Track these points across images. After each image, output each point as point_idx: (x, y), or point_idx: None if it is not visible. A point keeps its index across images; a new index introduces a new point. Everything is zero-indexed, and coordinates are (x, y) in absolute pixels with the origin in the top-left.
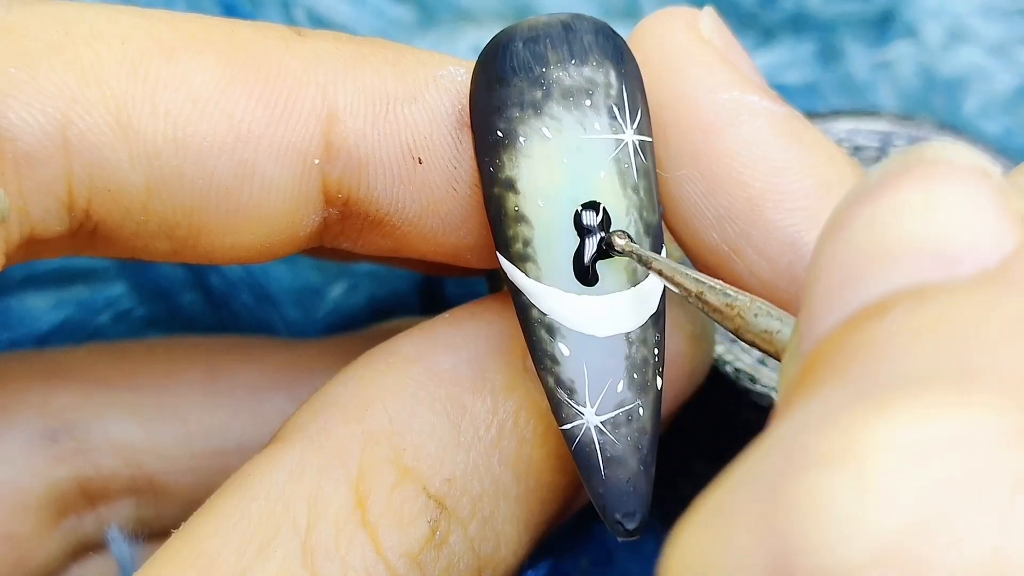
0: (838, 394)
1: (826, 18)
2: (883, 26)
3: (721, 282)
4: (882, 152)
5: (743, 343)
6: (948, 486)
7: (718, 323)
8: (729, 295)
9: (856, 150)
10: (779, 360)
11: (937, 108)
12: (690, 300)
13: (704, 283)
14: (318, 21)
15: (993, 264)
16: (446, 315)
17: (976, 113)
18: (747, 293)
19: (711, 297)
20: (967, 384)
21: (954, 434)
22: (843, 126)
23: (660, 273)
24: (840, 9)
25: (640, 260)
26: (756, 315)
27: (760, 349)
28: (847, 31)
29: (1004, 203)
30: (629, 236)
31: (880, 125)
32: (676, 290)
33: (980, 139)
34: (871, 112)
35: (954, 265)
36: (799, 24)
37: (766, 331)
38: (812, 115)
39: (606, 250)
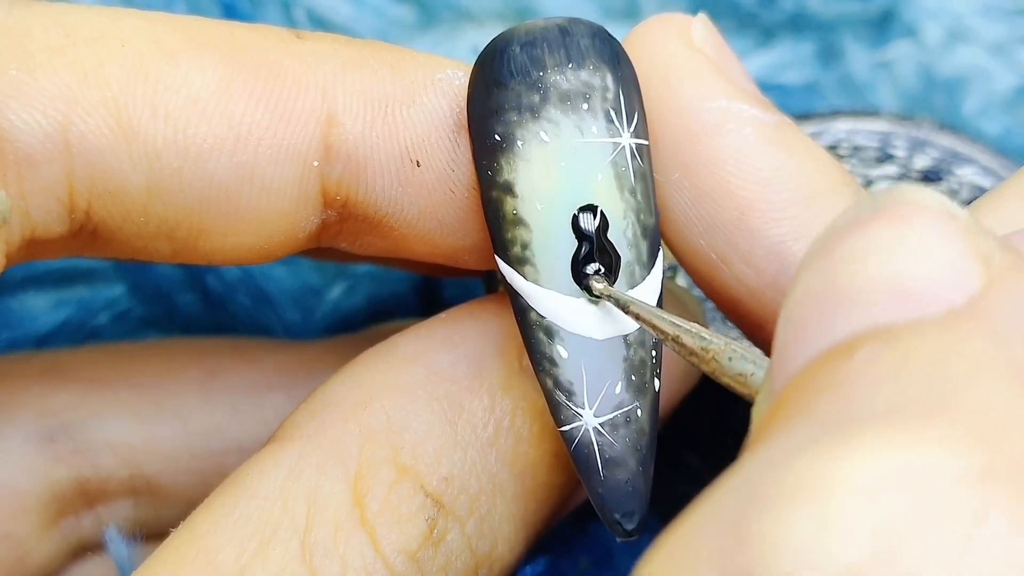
0: (801, 431)
1: (826, 18)
2: (883, 26)
3: (697, 325)
4: (882, 152)
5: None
6: (905, 522)
7: (695, 366)
8: (704, 339)
9: (856, 150)
10: (753, 402)
11: (937, 108)
12: (667, 343)
13: (680, 327)
14: (318, 21)
15: (959, 304)
16: (443, 315)
17: (976, 113)
18: (722, 336)
19: (687, 340)
20: (928, 421)
21: (912, 471)
22: (843, 126)
23: (637, 317)
24: (840, 9)
25: (618, 304)
26: (731, 358)
27: (735, 392)
28: (847, 31)
29: (971, 245)
30: (606, 280)
31: (880, 125)
32: (653, 333)
33: (980, 139)
34: (871, 112)
35: (921, 305)
36: (799, 24)
37: (740, 374)
38: (812, 115)
39: (585, 291)
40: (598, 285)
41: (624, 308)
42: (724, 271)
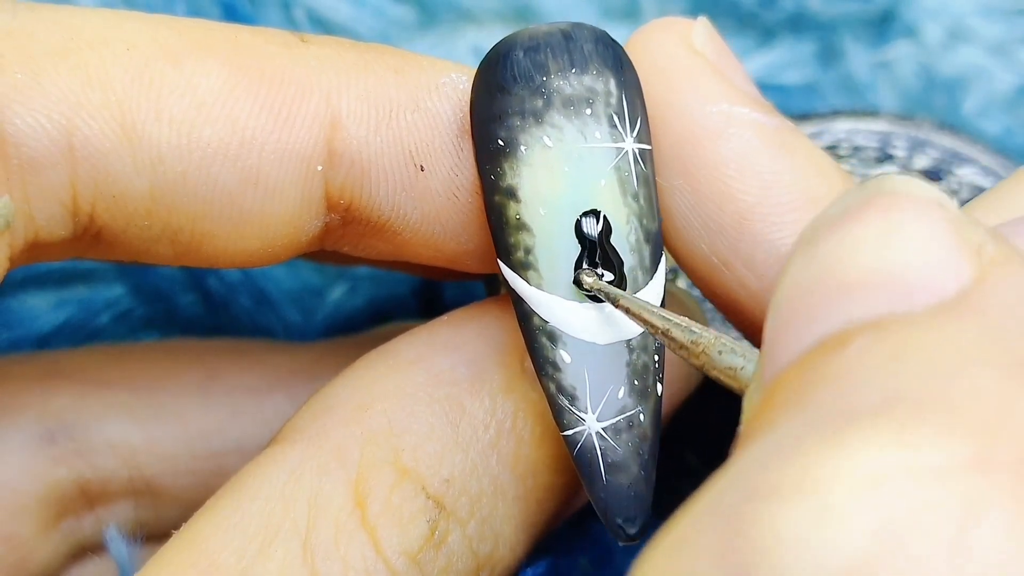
0: (795, 425)
1: (826, 18)
2: (883, 26)
3: (687, 319)
4: (882, 152)
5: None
6: (901, 516)
7: (683, 359)
8: (694, 332)
9: (855, 150)
10: (743, 396)
11: (937, 108)
12: (658, 337)
13: (670, 320)
14: (318, 21)
15: (951, 295)
16: (445, 317)
17: (976, 113)
18: (711, 330)
19: (676, 334)
20: (922, 414)
21: (906, 465)
22: (843, 126)
23: (627, 311)
24: (840, 9)
25: (608, 297)
26: (720, 352)
27: (724, 385)
28: (847, 31)
29: (961, 235)
30: (596, 274)
31: (880, 125)
32: (643, 327)
33: (980, 139)
34: (871, 112)
35: (913, 297)
36: (799, 24)
37: (730, 367)
38: (812, 115)
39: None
40: (588, 279)
41: (614, 302)
42: (725, 274)
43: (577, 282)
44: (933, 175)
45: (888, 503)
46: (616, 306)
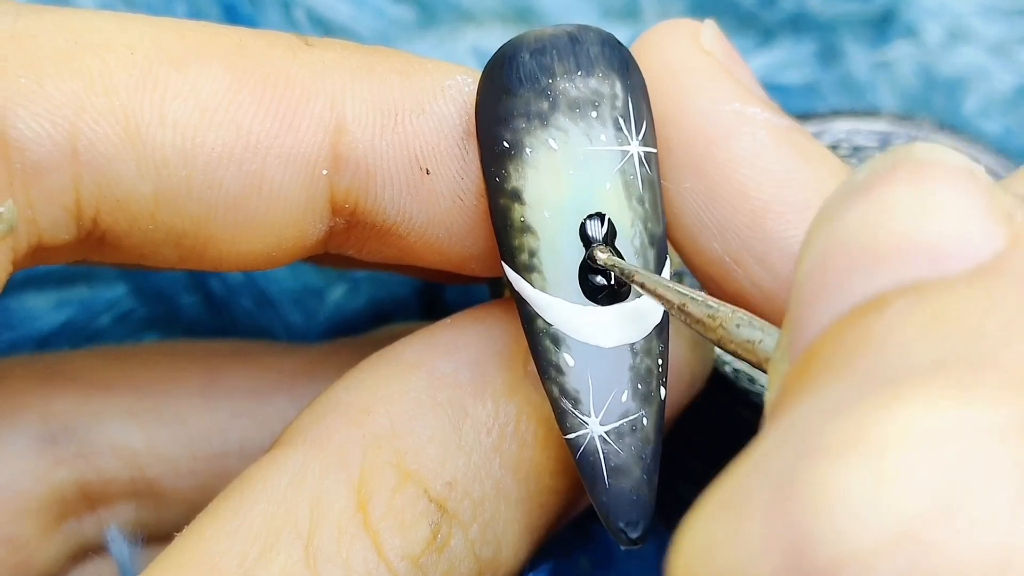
0: (843, 387)
1: (826, 18)
2: (883, 26)
3: (703, 294)
4: (882, 152)
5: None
6: (961, 474)
7: (700, 334)
8: (711, 306)
9: (856, 150)
10: (761, 369)
11: (937, 108)
12: (672, 312)
13: (686, 295)
14: (318, 21)
15: (986, 260)
16: (448, 320)
17: (976, 113)
18: (728, 304)
19: (693, 308)
20: (975, 376)
21: (964, 424)
22: (843, 126)
23: (642, 286)
24: (840, 9)
25: (622, 273)
26: (738, 325)
27: (743, 359)
28: (847, 31)
29: (992, 201)
30: (612, 250)
31: (880, 125)
32: (658, 302)
33: (980, 139)
34: (871, 112)
35: (948, 261)
36: (799, 24)
37: (748, 341)
38: (812, 115)
39: (589, 264)
40: (602, 255)
41: (629, 278)
42: (738, 273)
43: (591, 258)
44: None
45: (947, 462)
46: (631, 282)
